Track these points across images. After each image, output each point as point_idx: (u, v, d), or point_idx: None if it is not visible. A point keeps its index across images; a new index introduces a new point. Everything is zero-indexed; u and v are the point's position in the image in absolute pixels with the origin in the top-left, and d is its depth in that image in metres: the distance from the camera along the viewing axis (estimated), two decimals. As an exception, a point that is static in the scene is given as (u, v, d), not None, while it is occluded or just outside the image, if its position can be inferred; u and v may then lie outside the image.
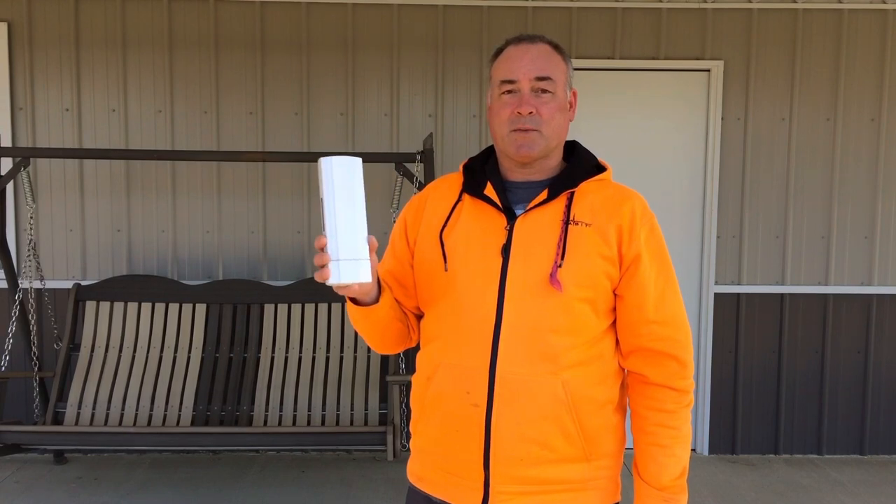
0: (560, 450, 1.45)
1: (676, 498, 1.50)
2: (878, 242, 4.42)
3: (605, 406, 1.49)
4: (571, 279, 1.43)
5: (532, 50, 1.50)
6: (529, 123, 1.47)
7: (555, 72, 1.50)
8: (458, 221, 1.53)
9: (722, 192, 4.38)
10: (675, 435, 1.49)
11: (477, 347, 1.45)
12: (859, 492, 3.96)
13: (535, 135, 1.48)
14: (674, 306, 1.50)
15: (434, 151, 3.77)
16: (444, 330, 1.50)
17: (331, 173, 1.33)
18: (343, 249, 1.33)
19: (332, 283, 1.34)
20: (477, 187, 1.54)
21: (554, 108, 1.49)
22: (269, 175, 4.34)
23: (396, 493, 3.78)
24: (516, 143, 1.49)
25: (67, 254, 4.33)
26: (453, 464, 1.51)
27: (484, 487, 1.47)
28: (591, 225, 1.47)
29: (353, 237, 1.34)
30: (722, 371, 4.45)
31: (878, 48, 4.34)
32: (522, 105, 1.47)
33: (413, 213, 1.61)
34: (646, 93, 4.37)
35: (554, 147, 1.53)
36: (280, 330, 4.04)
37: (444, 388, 1.49)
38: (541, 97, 1.48)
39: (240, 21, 4.27)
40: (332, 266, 1.32)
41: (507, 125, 1.49)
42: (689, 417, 1.51)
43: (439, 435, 1.52)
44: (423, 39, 4.31)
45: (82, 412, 3.85)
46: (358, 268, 1.34)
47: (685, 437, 1.50)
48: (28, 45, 4.23)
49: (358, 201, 1.35)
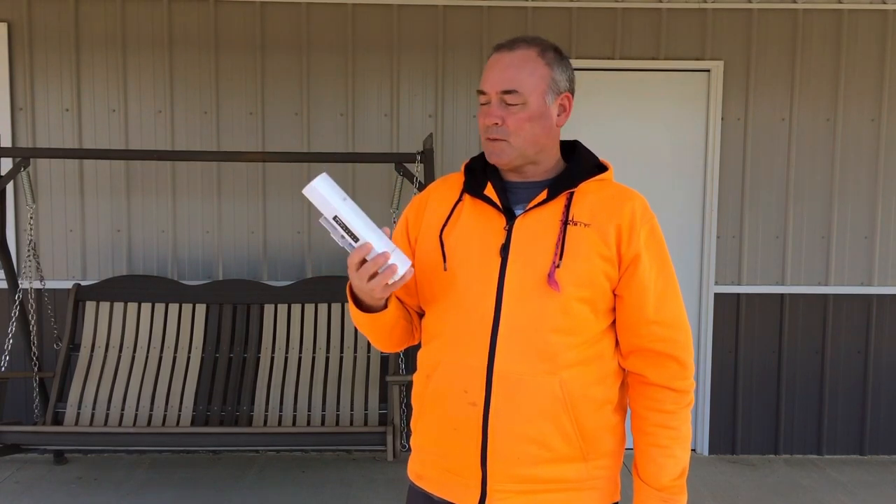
0: (557, 449, 1.45)
1: (675, 498, 1.50)
2: (878, 242, 4.42)
3: (604, 406, 1.49)
4: (570, 279, 1.43)
5: (504, 59, 1.50)
6: (497, 133, 1.50)
7: (525, 82, 1.48)
8: (459, 221, 1.54)
9: (722, 192, 4.38)
10: (675, 436, 1.49)
11: (475, 346, 1.46)
12: (859, 492, 3.96)
13: (504, 144, 1.50)
14: (674, 307, 1.50)
15: (434, 152, 3.77)
16: (443, 328, 1.51)
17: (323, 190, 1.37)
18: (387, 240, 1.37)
19: (400, 274, 1.35)
20: (477, 187, 1.55)
21: (522, 118, 1.49)
22: (269, 175, 4.34)
23: (396, 493, 3.78)
24: (488, 151, 1.54)
25: (67, 254, 4.33)
26: (451, 462, 1.51)
27: (481, 486, 1.47)
28: (591, 225, 1.47)
29: (379, 234, 1.37)
30: (722, 371, 4.45)
31: (878, 48, 4.34)
32: (488, 116, 1.50)
33: (415, 213, 1.63)
34: (646, 93, 4.37)
35: (532, 154, 1.52)
36: (280, 330, 4.04)
37: (443, 387, 1.50)
38: (508, 108, 1.49)
39: (240, 21, 4.27)
40: (395, 256, 1.35)
41: (483, 133, 1.54)
42: (688, 418, 1.51)
43: (438, 433, 1.53)
44: (424, 40, 4.31)
45: (82, 412, 3.85)
46: (401, 255, 1.38)
47: (685, 437, 1.51)
48: (28, 45, 4.23)
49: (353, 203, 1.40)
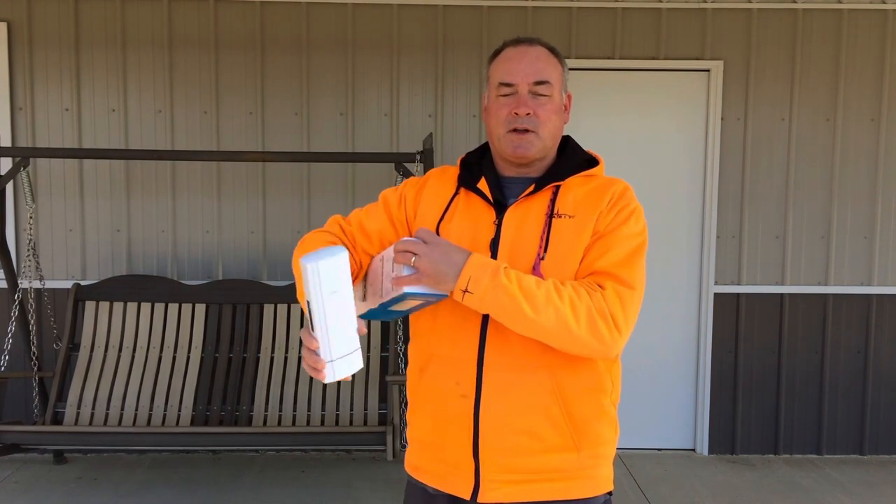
0: (549, 439, 1.46)
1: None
2: (878, 242, 4.42)
3: (595, 396, 1.50)
4: (554, 271, 1.44)
5: (530, 52, 1.52)
6: (526, 124, 1.50)
7: (552, 75, 1.52)
8: (455, 215, 1.56)
9: (722, 192, 4.38)
10: (547, 301, 1.37)
11: (465, 339, 1.48)
12: (859, 492, 3.95)
13: (532, 136, 1.51)
14: (634, 270, 1.45)
15: (434, 151, 3.77)
16: (434, 322, 1.53)
17: (317, 275, 1.27)
18: (336, 349, 1.31)
19: (327, 381, 1.33)
20: (472, 181, 1.57)
21: (551, 110, 1.52)
22: (269, 175, 4.34)
23: (396, 493, 3.78)
24: (513, 144, 1.52)
25: (67, 254, 4.33)
26: (445, 454, 1.53)
27: (475, 477, 1.49)
28: (574, 217, 1.48)
29: (343, 334, 1.31)
30: (722, 371, 4.45)
31: (878, 48, 4.34)
32: (520, 106, 1.49)
33: (413, 192, 1.63)
34: (646, 93, 4.37)
35: (550, 147, 1.55)
36: (280, 330, 4.04)
37: (436, 380, 1.52)
38: (538, 99, 1.51)
39: (240, 21, 4.27)
40: (327, 369, 1.31)
41: (504, 125, 1.52)
42: (569, 323, 1.37)
43: (431, 425, 1.55)
44: (423, 39, 4.31)
45: (82, 412, 3.85)
46: (351, 361, 1.33)
47: (541, 309, 1.37)
48: (28, 45, 4.23)
49: (346, 294, 1.31)
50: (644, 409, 4.45)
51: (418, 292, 1.39)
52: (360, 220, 1.62)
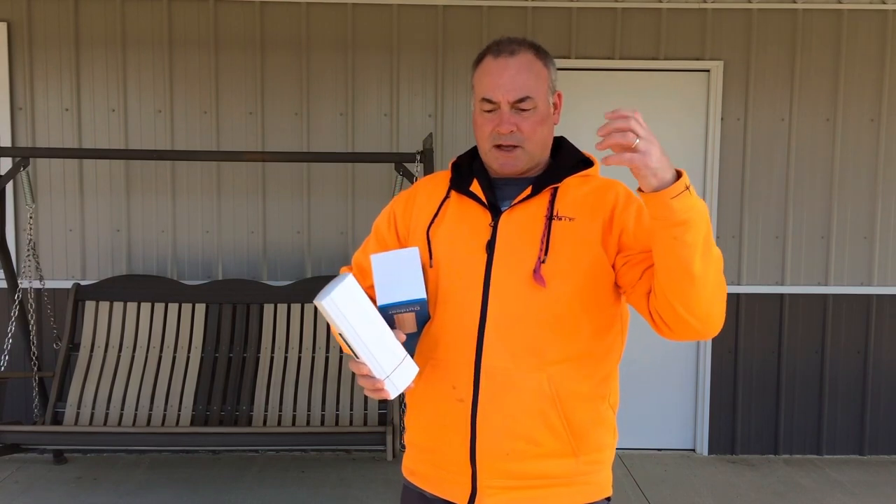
0: (546, 445, 1.45)
1: None
2: (877, 242, 4.42)
3: (593, 401, 1.48)
4: (555, 274, 1.43)
5: (511, 66, 1.47)
6: (511, 140, 1.47)
7: (535, 86, 1.47)
8: (445, 218, 1.54)
9: (722, 192, 4.38)
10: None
11: (462, 343, 1.46)
12: (859, 492, 3.95)
13: (519, 151, 1.48)
14: None
15: (434, 151, 3.77)
16: (432, 325, 1.51)
17: (335, 306, 1.31)
18: (386, 365, 1.36)
19: (393, 397, 1.38)
20: (463, 184, 1.55)
21: (535, 122, 1.48)
22: (269, 175, 4.33)
23: (395, 493, 3.77)
24: (498, 161, 1.50)
25: (67, 254, 4.33)
26: (441, 458, 1.51)
27: (472, 482, 1.47)
28: (575, 219, 1.46)
29: (385, 348, 1.36)
30: (722, 371, 4.45)
31: (878, 48, 4.34)
32: (503, 124, 1.47)
33: (403, 207, 1.62)
34: (645, 93, 4.37)
35: (539, 155, 1.53)
36: (280, 330, 4.04)
37: (433, 384, 1.50)
38: (521, 114, 1.47)
39: (240, 21, 4.27)
40: (387, 385, 1.36)
41: (489, 140, 1.50)
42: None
43: (429, 430, 1.54)
44: (423, 39, 4.31)
45: (82, 412, 3.85)
46: (405, 369, 1.38)
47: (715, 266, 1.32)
48: (28, 45, 4.23)
49: (371, 313, 1.36)
50: (644, 409, 4.45)
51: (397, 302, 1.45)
52: (358, 262, 1.65)
